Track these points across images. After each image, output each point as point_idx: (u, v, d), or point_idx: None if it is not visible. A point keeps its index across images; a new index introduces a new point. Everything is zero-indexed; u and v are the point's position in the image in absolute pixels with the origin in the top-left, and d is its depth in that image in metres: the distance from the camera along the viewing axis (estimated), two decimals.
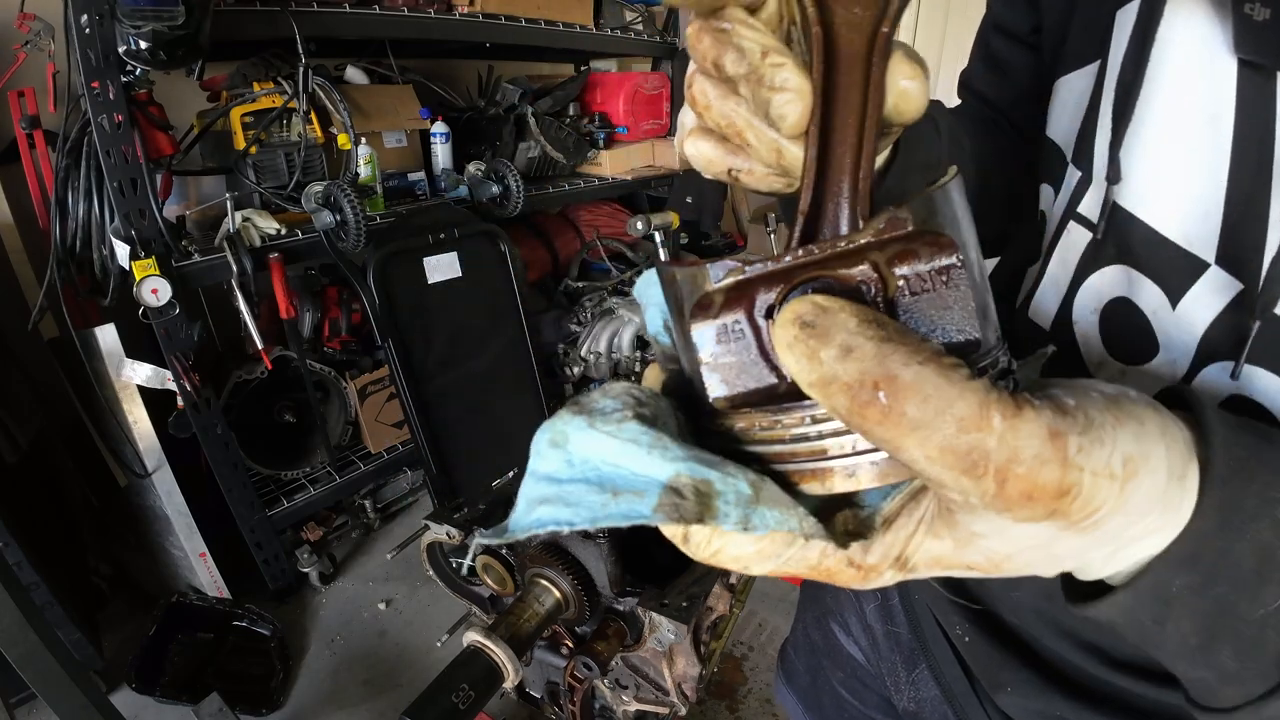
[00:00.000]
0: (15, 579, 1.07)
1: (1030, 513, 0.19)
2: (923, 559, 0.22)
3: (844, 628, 0.73)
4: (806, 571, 0.23)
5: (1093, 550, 0.22)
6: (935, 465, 0.19)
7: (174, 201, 1.69)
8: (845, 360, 0.19)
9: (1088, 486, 0.19)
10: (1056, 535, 0.21)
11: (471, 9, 2.01)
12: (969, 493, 0.19)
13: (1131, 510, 0.20)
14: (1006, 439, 0.18)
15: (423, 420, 1.94)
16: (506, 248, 2.12)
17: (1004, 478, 0.18)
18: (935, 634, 0.57)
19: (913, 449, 0.19)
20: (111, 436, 1.75)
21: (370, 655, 1.77)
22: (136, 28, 1.28)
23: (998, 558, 0.22)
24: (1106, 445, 0.19)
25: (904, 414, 0.18)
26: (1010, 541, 0.21)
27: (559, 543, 0.67)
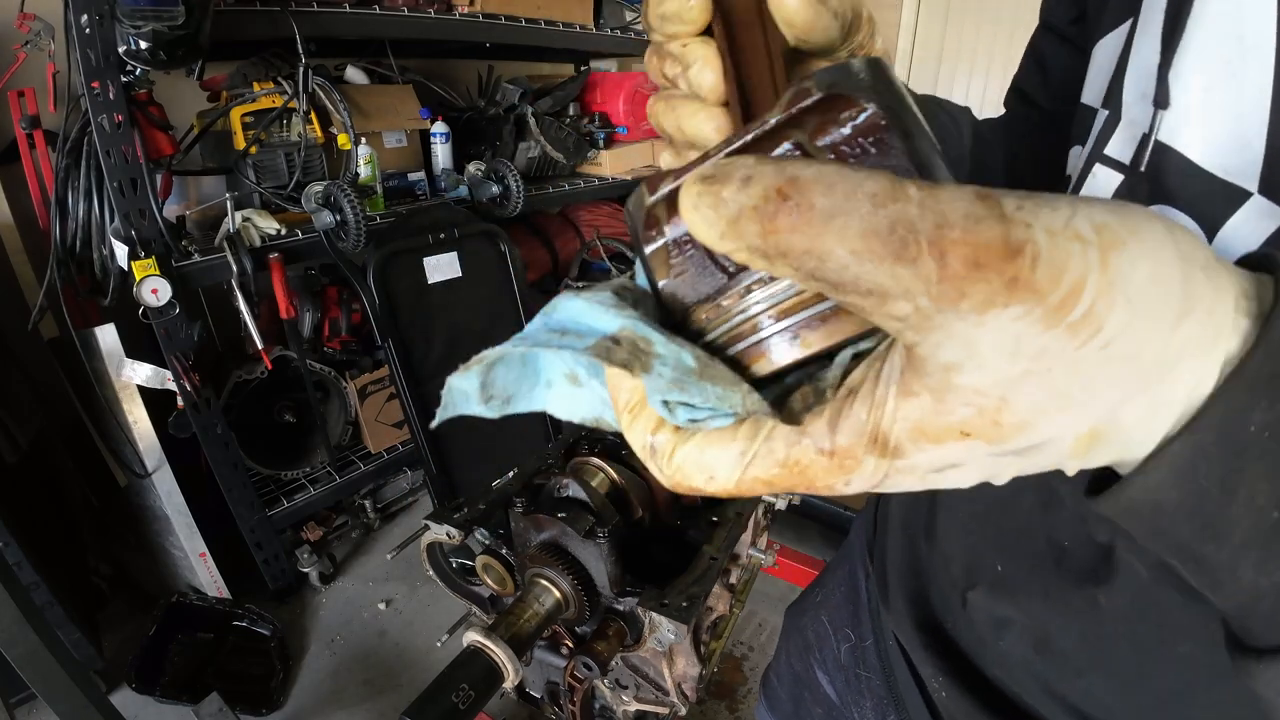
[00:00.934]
0: (15, 579, 1.07)
1: (988, 290, 0.15)
2: (903, 431, 0.18)
3: (822, 665, 0.68)
4: (779, 472, 0.20)
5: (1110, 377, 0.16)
6: (864, 261, 0.16)
7: (174, 201, 1.69)
8: (746, 187, 0.17)
9: (1045, 246, 0.15)
10: (1048, 348, 0.16)
11: (471, 9, 2.01)
12: (912, 289, 0.16)
13: (1135, 299, 0.16)
14: (927, 204, 0.16)
15: (423, 420, 1.94)
16: (506, 248, 2.12)
17: (940, 250, 0.15)
18: (909, 684, 0.52)
19: (835, 247, 0.16)
20: (111, 436, 1.75)
21: (370, 655, 1.77)
22: (136, 28, 1.28)
23: (991, 406, 0.17)
24: (1061, 209, 0.16)
25: (813, 206, 0.16)
26: (992, 368, 0.16)
27: (559, 543, 0.67)
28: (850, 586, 0.66)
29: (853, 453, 0.19)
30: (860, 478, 0.19)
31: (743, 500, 0.81)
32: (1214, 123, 0.31)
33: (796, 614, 0.77)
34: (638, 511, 0.75)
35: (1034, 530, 0.24)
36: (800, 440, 0.19)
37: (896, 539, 0.56)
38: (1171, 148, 0.33)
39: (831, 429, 0.19)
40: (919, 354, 0.17)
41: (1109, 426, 0.18)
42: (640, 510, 0.75)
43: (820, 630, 0.70)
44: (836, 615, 0.67)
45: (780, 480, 0.20)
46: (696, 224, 0.18)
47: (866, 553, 0.63)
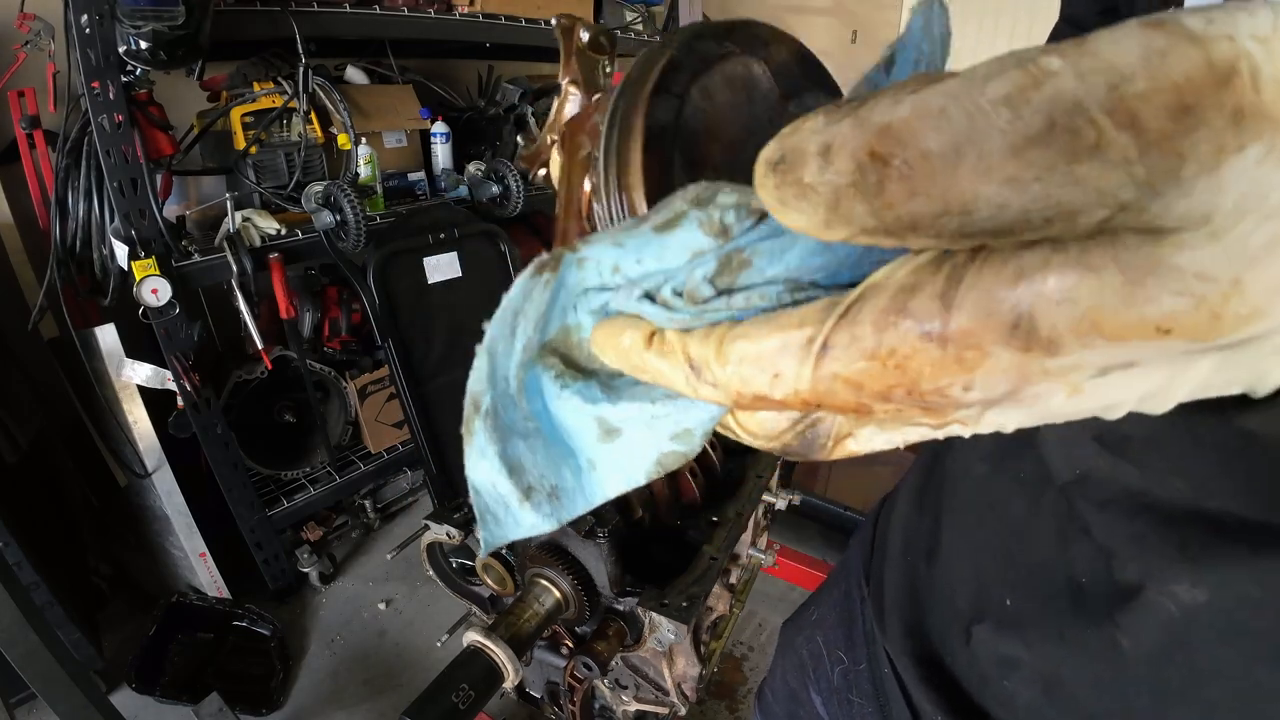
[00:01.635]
0: (15, 579, 1.07)
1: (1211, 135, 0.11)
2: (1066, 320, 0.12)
3: (816, 686, 0.65)
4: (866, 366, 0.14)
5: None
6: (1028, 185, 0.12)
7: (174, 201, 1.69)
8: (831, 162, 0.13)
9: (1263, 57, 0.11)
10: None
11: (471, 9, 2.01)
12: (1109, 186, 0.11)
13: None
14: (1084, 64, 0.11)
15: (423, 420, 1.94)
16: (506, 248, 2.12)
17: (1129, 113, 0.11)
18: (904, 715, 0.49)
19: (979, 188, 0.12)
20: (111, 436, 1.75)
21: (370, 655, 1.77)
22: (136, 28, 1.28)
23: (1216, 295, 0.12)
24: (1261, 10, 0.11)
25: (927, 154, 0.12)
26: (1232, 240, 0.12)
27: (559, 542, 0.67)
28: (845, 609, 0.63)
29: (978, 340, 0.13)
30: (989, 378, 0.13)
31: (743, 500, 0.81)
32: None
33: (792, 631, 0.75)
34: (638, 511, 0.75)
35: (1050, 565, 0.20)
36: (899, 319, 0.14)
37: (896, 564, 0.52)
38: None
39: (945, 304, 0.13)
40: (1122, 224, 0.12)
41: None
42: (640, 510, 0.75)
43: (815, 650, 0.67)
44: (831, 636, 0.64)
45: (871, 379, 0.14)
46: (797, 223, 0.14)
47: (863, 575, 0.60)
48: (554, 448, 0.20)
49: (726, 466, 0.86)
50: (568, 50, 0.35)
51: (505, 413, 0.20)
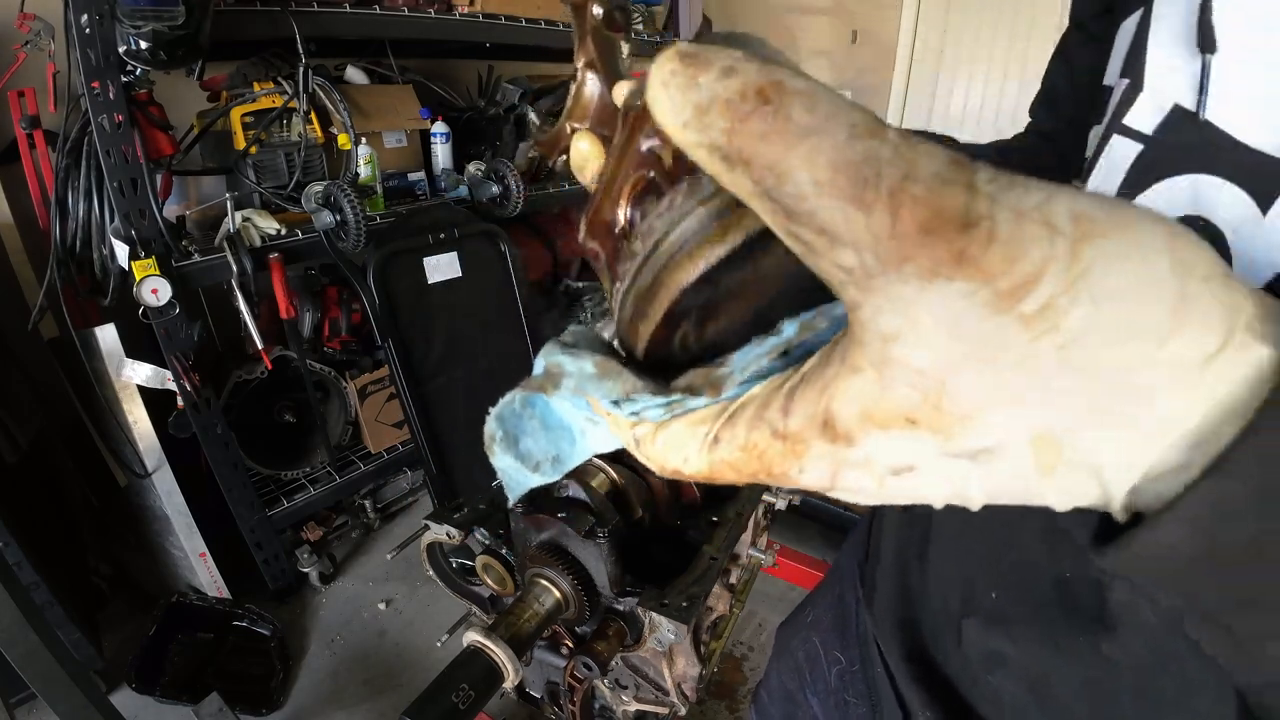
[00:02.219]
0: (15, 579, 1.07)
1: (933, 258, 0.14)
2: (849, 413, 0.16)
3: (811, 688, 0.67)
4: (740, 456, 0.19)
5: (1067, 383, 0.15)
6: (824, 194, 0.15)
7: (174, 201, 1.69)
8: (727, 77, 0.15)
9: (1005, 226, 0.14)
10: (992, 333, 0.14)
11: (471, 9, 2.01)
12: (861, 239, 0.15)
13: (1108, 298, 0.14)
14: (902, 151, 0.14)
15: (423, 420, 1.94)
16: (506, 248, 2.12)
17: (897, 203, 0.14)
18: (895, 714, 0.50)
19: (801, 169, 0.15)
20: (111, 436, 1.75)
21: (370, 655, 1.77)
22: (136, 28, 1.28)
23: (933, 389, 0.15)
24: (1037, 192, 0.14)
25: (790, 117, 0.15)
26: (932, 344, 0.15)
27: (559, 542, 0.67)
28: (840, 611, 0.65)
29: (803, 436, 0.17)
30: (812, 465, 0.18)
31: (743, 500, 0.81)
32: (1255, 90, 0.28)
33: (788, 633, 0.76)
34: (638, 511, 0.75)
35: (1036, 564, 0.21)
36: (759, 424, 0.18)
37: (889, 563, 0.53)
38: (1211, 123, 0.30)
39: (784, 411, 0.18)
40: (861, 319, 0.16)
41: (1070, 443, 0.15)
42: (640, 510, 0.75)
43: (810, 651, 0.68)
44: (827, 637, 0.66)
45: (742, 464, 0.19)
46: (661, 104, 0.16)
47: (858, 576, 0.62)
48: (552, 431, 0.28)
49: None
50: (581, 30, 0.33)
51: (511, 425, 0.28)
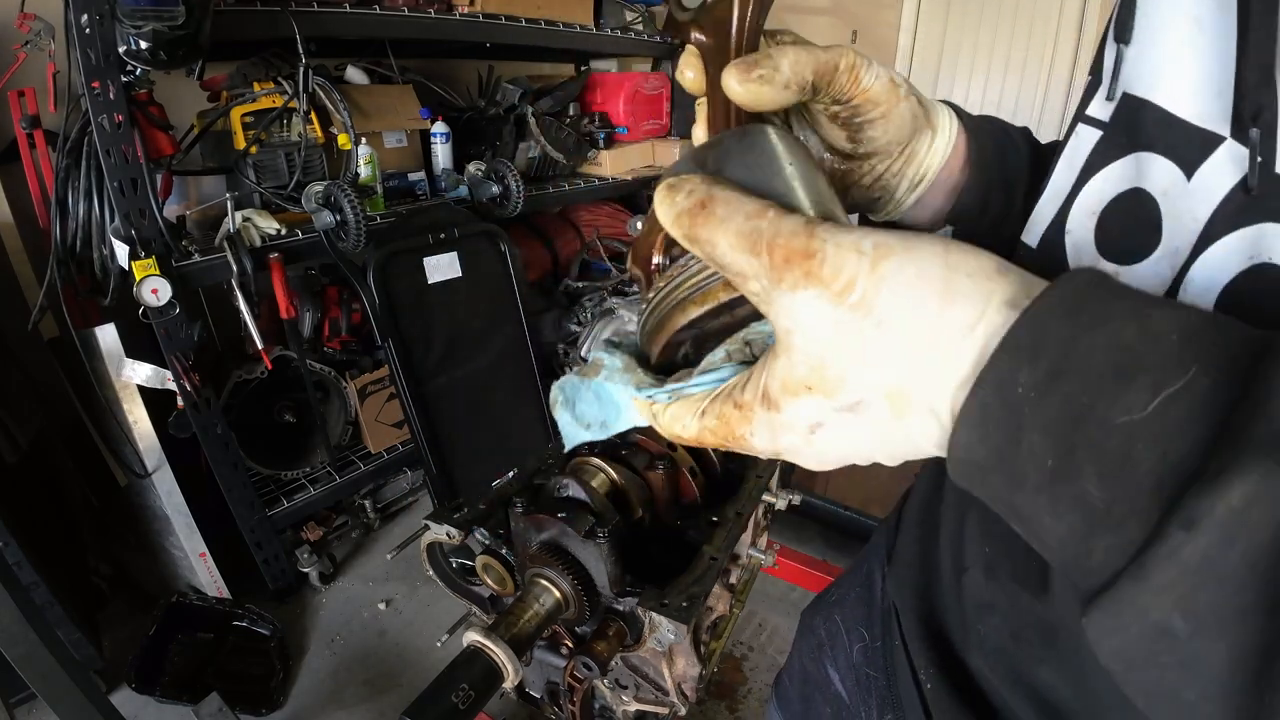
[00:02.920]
0: (15, 579, 1.08)
1: (793, 276, 0.24)
2: (774, 386, 0.27)
3: (833, 663, 0.70)
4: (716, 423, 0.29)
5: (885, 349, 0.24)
6: (733, 250, 0.26)
7: (174, 201, 1.69)
8: (688, 196, 0.27)
9: (831, 253, 0.24)
10: (838, 320, 0.24)
11: (471, 9, 2.01)
12: (756, 270, 0.25)
13: (898, 290, 0.23)
14: (774, 222, 0.25)
15: (423, 420, 1.94)
16: (506, 248, 2.12)
17: (772, 248, 0.25)
18: (907, 682, 0.54)
19: (720, 239, 0.26)
20: (111, 436, 1.75)
21: (370, 655, 1.77)
22: (137, 28, 1.28)
23: (816, 363, 0.25)
24: (854, 233, 0.24)
25: (714, 213, 0.26)
26: (808, 328, 0.25)
27: (559, 542, 0.67)
28: (865, 587, 0.69)
29: (751, 405, 0.28)
30: (758, 429, 0.28)
31: (743, 500, 0.81)
32: (1187, 74, 0.32)
33: (811, 613, 0.78)
34: (638, 511, 0.75)
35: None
36: (728, 400, 0.29)
37: (910, 535, 0.59)
38: (1149, 100, 0.34)
39: (741, 389, 0.28)
40: (774, 325, 0.26)
41: (907, 389, 0.24)
42: (640, 510, 0.75)
43: (832, 628, 0.71)
44: (850, 614, 0.69)
45: (717, 429, 0.29)
46: (660, 211, 0.28)
47: (885, 556, 0.65)
48: (603, 402, 0.36)
49: (726, 466, 0.86)
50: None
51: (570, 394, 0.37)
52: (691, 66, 0.35)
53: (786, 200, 0.28)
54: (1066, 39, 3.40)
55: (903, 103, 0.37)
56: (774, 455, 0.28)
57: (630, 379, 0.33)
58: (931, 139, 0.40)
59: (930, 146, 0.40)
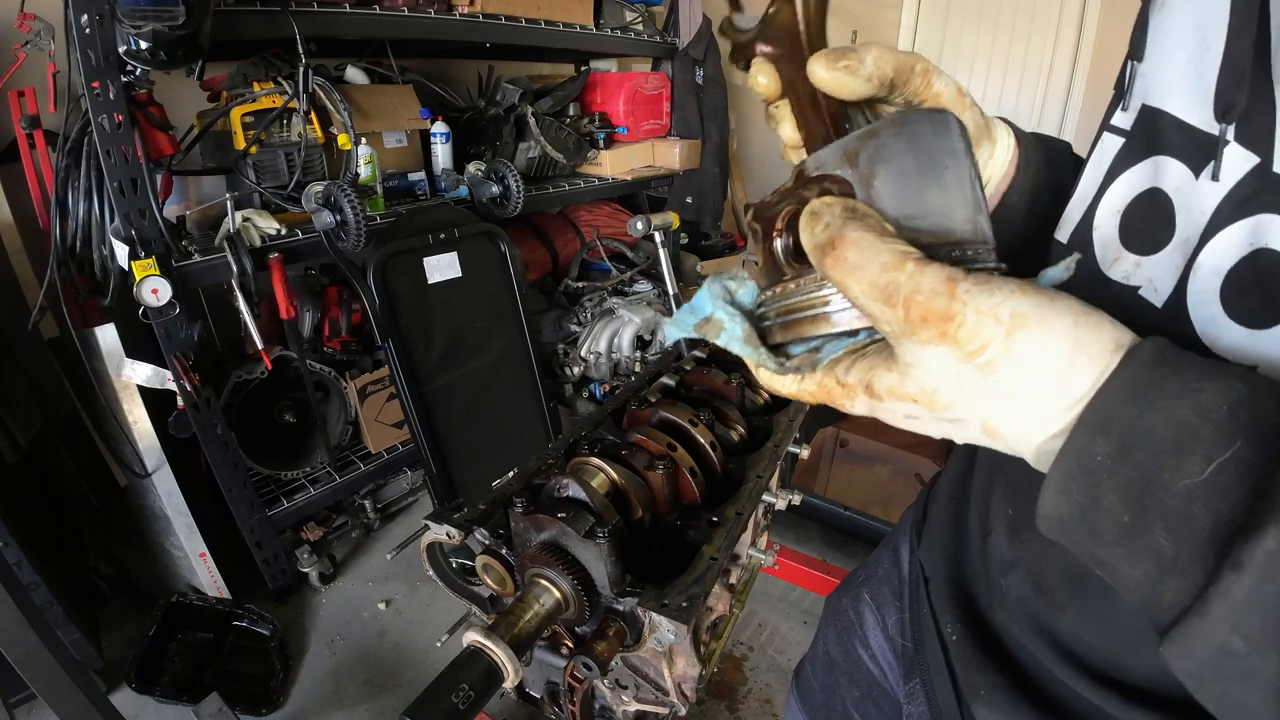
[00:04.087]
0: (15, 579, 1.08)
1: (928, 334, 0.27)
2: (882, 387, 0.30)
3: (864, 644, 0.74)
4: (815, 389, 0.33)
5: (999, 400, 0.27)
6: (866, 298, 0.28)
7: (174, 201, 1.69)
8: (824, 230, 0.29)
9: (971, 319, 0.26)
10: (962, 371, 0.27)
11: (471, 9, 2.01)
12: (889, 319, 0.27)
13: (1025, 361, 0.26)
14: (914, 277, 0.26)
15: (423, 420, 1.94)
16: (506, 248, 2.12)
17: (909, 304, 0.26)
18: (933, 644, 0.58)
19: (851, 285, 0.28)
20: (111, 436, 1.75)
21: (370, 655, 1.77)
22: (136, 28, 1.28)
23: (928, 389, 0.28)
24: (996, 296, 0.26)
25: (846, 259, 0.28)
26: (931, 371, 0.28)
27: (559, 543, 0.67)
28: (893, 563, 0.74)
29: (854, 389, 0.31)
30: (859, 404, 0.32)
31: (743, 500, 0.81)
32: (1194, 85, 0.36)
33: (838, 597, 0.82)
34: (638, 511, 0.75)
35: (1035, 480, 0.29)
36: (831, 374, 0.32)
37: (941, 508, 0.64)
38: (1163, 110, 0.38)
39: (846, 372, 0.32)
40: (896, 350, 0.29)
41: (1002, 430, 0.28)
42: (640, 510, 0.75)
43: (862, 608, 0.75)
44: (878, 590, 0.74)
45: (816, 394, 0.33)
46: (803, 238, 0.31)
47: (914, 531, 0.70)
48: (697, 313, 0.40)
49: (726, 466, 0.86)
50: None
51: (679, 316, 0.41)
52: (764, 73, 0.38)
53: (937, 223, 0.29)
54: (1066, 39, 3.40)
55: (968, 111, 0.39)
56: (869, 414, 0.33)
57: (750, 351, 0.36)
58: (992, 149, 0.43)
59: (991, 156, 0.43)
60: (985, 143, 0.42)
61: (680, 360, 1.06)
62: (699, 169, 2.88)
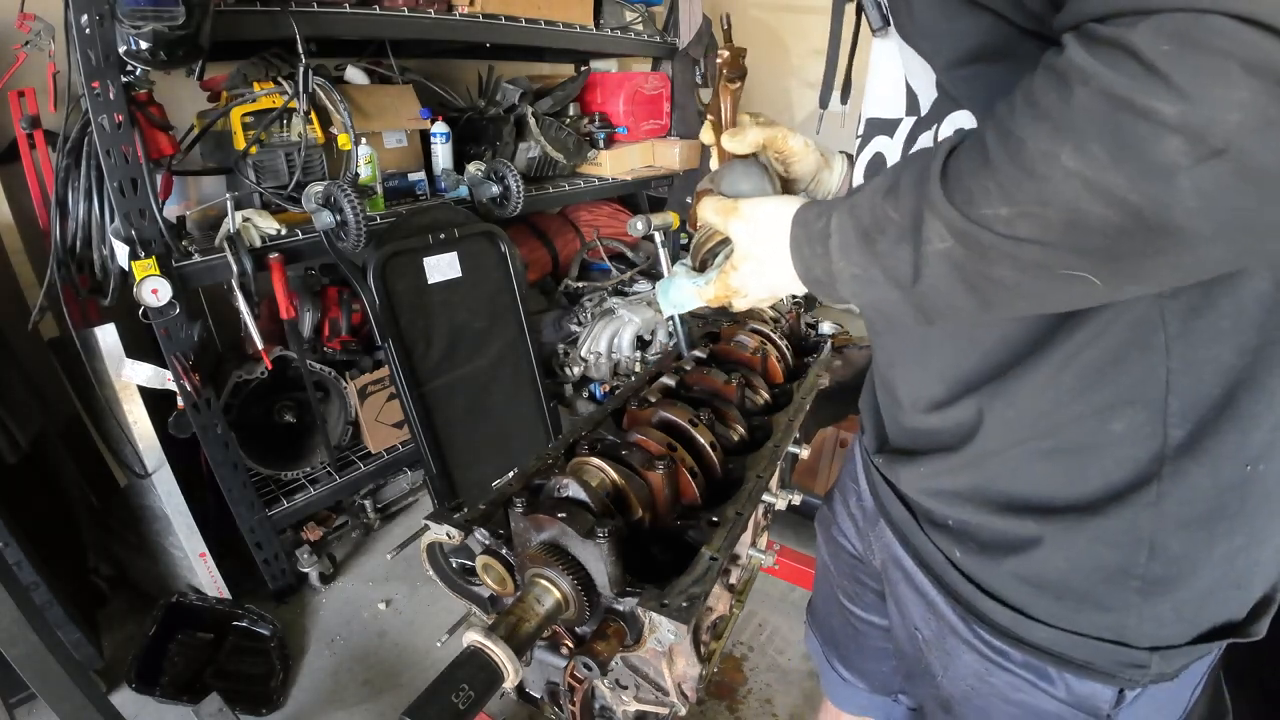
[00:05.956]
0: (15, 579, 1.07)
1: (734, 219, 0.62)
2: (734, 260, 0.63)
3: (841, 532, 0.90)
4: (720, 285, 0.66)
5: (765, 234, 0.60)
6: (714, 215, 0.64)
7: (174, 201, 1.69)
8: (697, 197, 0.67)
9: (743, 206, 0.62)
10: (747, 228, 0.61)
11: (471, 9, 2.01)
12: (720, 223, 0.63)
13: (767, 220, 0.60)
14: (723, 203, 0.64)
15: (423, 420, 1.94)
16: (506, 248, 2.12)
17: (724, 211, 0.63)
18: (879, 481, 0.75)
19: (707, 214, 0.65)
20: (111, 436, 1.75)
21: (370, 655, 1.77)
22: (136, 28, 1.28)
23: (743, 249, 0.62)
24: (750, 201, 0.62)
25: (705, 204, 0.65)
26: (741, 238, 0.62)
27: (559, 543, 0.67)
28: (850, 458, 0.90)
29: (727, 271, 0.64)
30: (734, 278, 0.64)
31: (743, 500, 0.81)
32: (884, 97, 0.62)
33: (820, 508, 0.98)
34: (638, 511, 0.75)
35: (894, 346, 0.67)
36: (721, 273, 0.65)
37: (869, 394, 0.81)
38: (871, 116, 0.65)
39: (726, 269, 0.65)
40: (731, 237, 0.64)
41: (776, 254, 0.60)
42: (640, 510, 0.75)
43: (833, 505, 0.92)
44: (844, 483, 0.91)
45: (721, 288, 0.66)
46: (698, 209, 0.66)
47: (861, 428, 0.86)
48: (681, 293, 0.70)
49: (726, 466, 0.86)
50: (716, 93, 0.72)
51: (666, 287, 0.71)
52: (707, 130, 0.72)
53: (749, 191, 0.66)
54: None
55: (811, 154, 0.72)
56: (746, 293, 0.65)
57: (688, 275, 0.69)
58: (830, 172, 0.74)
59: (832, 174, 0.74)
60: (825, 170, 0.74)
61: (680, 360, 1.06)
62: (699, 169, 2.88)
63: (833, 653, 0.98)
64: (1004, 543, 0.58)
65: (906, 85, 0.58)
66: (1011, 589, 0.58)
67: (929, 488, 0.65)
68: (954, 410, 0.59)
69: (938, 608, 0.66)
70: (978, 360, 0.56)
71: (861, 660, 0.94)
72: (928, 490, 0.65)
